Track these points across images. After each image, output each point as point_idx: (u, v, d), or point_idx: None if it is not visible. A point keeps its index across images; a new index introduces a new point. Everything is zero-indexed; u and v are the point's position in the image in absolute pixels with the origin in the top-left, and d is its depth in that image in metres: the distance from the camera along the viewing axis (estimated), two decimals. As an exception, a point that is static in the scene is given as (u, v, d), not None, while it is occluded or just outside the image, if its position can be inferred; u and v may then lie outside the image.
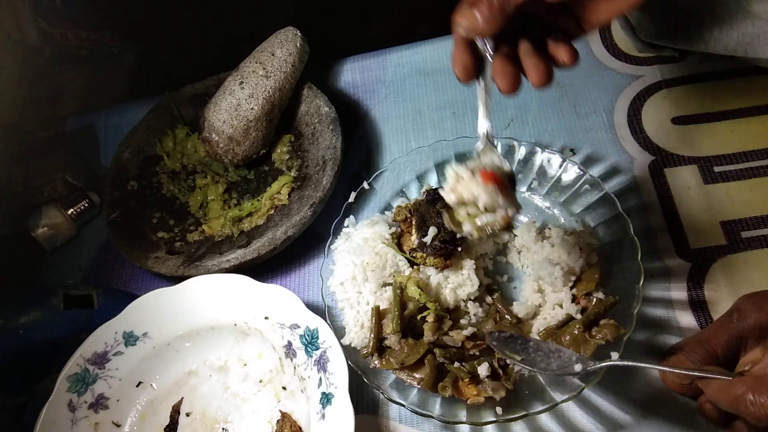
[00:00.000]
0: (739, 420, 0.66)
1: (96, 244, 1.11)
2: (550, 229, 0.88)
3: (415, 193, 0.97)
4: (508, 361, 0.79)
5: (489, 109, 0.72)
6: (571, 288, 0.82)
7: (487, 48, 0.68)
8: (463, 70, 0.70)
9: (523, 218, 0.93)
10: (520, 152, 0.93)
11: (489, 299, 0.86)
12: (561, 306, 0.81)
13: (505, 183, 0.70)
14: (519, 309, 0.83)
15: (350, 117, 1.12)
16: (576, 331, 0.76)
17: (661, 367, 0.68)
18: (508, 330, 0.80)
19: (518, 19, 0.64)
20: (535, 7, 0.64)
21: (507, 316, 0.83)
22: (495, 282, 0.89)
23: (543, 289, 0.83)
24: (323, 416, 0.77)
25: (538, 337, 0.80)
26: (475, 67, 0.69)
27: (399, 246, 0.88)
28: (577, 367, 0.71)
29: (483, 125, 0.72)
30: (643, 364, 0.70)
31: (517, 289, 0.89)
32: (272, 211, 1.02)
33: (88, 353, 0.86)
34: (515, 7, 0.62)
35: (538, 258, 0.85)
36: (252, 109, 1.01)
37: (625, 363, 0.70)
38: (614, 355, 0.72)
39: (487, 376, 0.76)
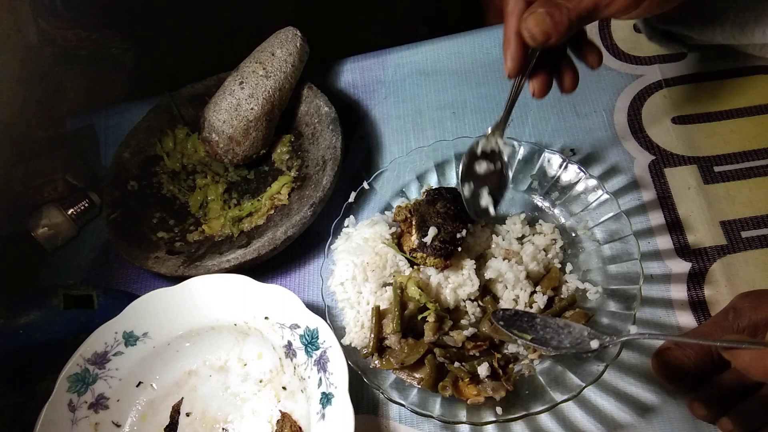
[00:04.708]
0: (725, 417, 0.66)
1: (96, 244, 1.11)
2: (538, 225, 0.89)
3: (415, 193, 0.97)
4: (513, 347, 0.79)
5: (514, 104, 0.75)
6: (533, 293, 0.83)
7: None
8: (516, 67, 0.71)
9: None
10: (520, 152, 0.93)
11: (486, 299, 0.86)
12: (530, 306, 0.82)
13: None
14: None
15: (350, 117, 1.12)
16: None
17: (686, 339, 0.66)
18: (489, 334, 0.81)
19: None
20: None
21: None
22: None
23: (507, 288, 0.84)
24: (323, 416, 0.77)
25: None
26: (524, 65, 0.71)
27: (399, 246, 0.88)
28: (594, 344, 0.69)
29: (502, 116, 0.78)
30: (663, 336, 0.68)
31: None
32: (272, 211, 1.02)
33: (88, 353, 0.86)
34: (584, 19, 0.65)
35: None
36: (252, 109, 1.01)
37: (644, 336, 0.68)
38: (632, 328, 0.72)
39: (487, 376, 0.76)
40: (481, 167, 0.80)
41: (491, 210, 0.80)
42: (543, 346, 0.73)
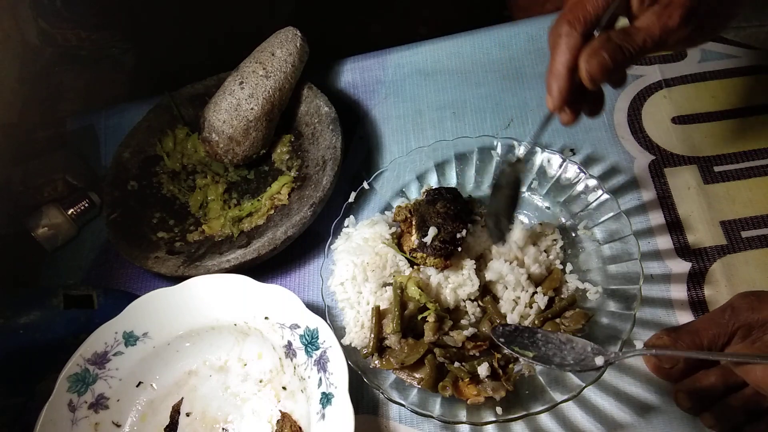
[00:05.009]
0: (707, 412, 0.66)
1: (96, 244, 1.11)
2: (538, 225, 0.89)
3: (415, 193, 0.97)
4: (515, 355, 0.79)
5: (541, 134, 0.75)
6: (534, 293, 0.83)
7: None
8: (563, 103, 0.68)
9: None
10: (520, 152, 0.93)
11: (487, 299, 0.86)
12: (530, 306, 0.82)
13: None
14: (503, 308, 0.83)
15: (350, 117, 1.12)
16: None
17: (695, 355, 0.64)
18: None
19: None
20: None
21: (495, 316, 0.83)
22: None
23: (507, 288, 0.84)
24: (323, 416, 0.77)
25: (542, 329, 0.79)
26: (569, 100, 0.69)
27: (399, 246, 0.88)
28: (599, 361, 0.67)
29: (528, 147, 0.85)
30: (670, 351, 0.66)
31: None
32: (272, 211, 1.02)
33: (88, 353, 0.86)
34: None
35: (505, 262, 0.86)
36: (252, 109, 1.01)
37: (650, 352, 0.65)
38: (638, 344, 0.72)
39: (487, 376, 0.77)
40: (501, 193, 0.81)
41: (506, 232, 0.82)
42: (545, 365, 0.70)
